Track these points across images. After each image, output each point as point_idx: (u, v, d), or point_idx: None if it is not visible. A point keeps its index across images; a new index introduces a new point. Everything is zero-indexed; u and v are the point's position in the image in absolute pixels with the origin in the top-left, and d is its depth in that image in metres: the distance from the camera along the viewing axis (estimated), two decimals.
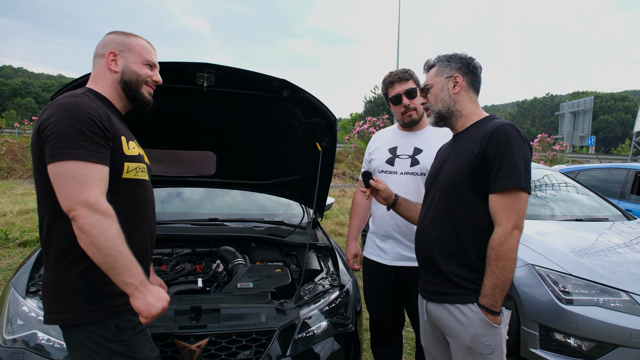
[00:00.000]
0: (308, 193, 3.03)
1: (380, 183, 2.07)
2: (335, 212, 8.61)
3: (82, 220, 1.31)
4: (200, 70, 2.20)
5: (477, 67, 1.83)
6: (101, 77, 1.60)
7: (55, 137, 1.35)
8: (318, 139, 2.69)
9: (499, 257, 1.57)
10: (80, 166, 1.34)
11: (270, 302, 2.12)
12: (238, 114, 2.64)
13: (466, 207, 1.68)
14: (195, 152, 2.87)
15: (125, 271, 1.36)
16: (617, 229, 3.94)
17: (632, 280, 2.93)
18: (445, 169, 1.79)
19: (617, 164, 6.87)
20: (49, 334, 1.83)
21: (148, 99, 1.67)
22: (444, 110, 1.83)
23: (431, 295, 1.80)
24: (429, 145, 2.33)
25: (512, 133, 1.61)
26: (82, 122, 1.38)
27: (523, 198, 1.59)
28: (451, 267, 1.70)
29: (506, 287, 1.60)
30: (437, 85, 1.84)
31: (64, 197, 1.33)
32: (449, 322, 1.71)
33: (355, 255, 2.58)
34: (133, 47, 1.63)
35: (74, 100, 1.42)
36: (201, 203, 3.59)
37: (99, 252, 1.33)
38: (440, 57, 1.87)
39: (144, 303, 1.39)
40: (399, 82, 2.38)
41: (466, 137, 1.77)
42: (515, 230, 1.57)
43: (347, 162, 15.95)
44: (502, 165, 1.58)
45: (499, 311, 1.62)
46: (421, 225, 1.87)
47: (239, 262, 2.57)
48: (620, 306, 2.77)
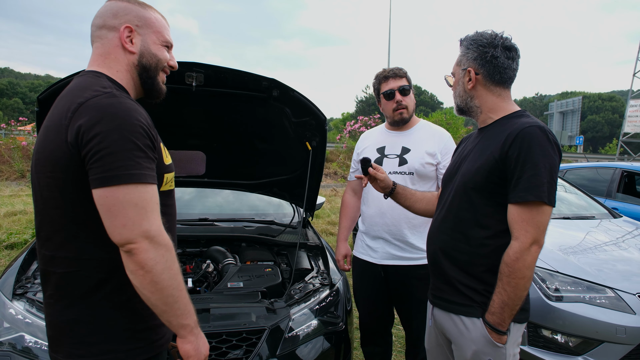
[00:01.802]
0: (298, 192, 3.04)
1: (379, 171, 1.97)
2: (327, 212, 8.62)
3: (144, 254, 1.09)
4: (189, 69, 2.19)
5: (497, 57, 1.55)
6: (113, 57, 1.27)
7: (108, 154, 1.08)
8: (308, 138, 2.69)
9: (512, 274, 1.42)
10: (142, 191, 1.11)
11: (261, 302, 2.12)
12: (228, 114, 2.64)
13: (478, 212, 1.55)
14: (185, 152, 2.86)
15: (185, 312, 1.18)
16: (603, 227, 4.00)
17: (617, 277, 2.98)
18: (462, 168, 1.64)
19: (604, 163, 6.97)
20: (37, 337, 1.81)
21: (164, 89, 1.40)
22: (462, 104, 1.67)
23: (438, 301, 1.70)
24: (417, 145, 2.34)
25: (538, 136, 1.43)
26: (136, 133, 1.12)
27: (545, 212, 1.42)
28: (457, 274, 1.59)
29: (516, 307, 1.46)
30: (457, 76, 1.67)
31: (122, 229, 1.09)
32: (453, 332, 1.62)
33: (345, 256, 2.59)
34: (152, 23, 1.31)
35: (117, 103, 1.14)
36: (191, 203, 3.57)
37: (159, 292, 1.12)
38: (465, 40, 1.63)
39: (195, 347, 1.23)
40: (394, 77, 2.38)
41: (488, 136, 1.59)
42: (534, 246, 1.42)
43: (339, 162, 15.97)
44: (523, 174, 1.42)
45: (505, 331, 1.48)
46: (432, 226, 1.76)
47: (229, 261, 2.56)
48: (606, 302, 2.81)
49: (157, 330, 1.28)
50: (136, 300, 1.17)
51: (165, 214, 1.23)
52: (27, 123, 14.76)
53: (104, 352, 1.20)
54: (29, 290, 2.04)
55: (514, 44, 1.58)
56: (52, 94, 2.04)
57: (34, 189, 1.24)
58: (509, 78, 1.60)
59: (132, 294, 1.17)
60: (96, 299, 1.20)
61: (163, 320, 1.19)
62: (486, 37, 1.57)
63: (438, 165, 2.32)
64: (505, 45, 1.56)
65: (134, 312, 1.23)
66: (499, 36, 1.57)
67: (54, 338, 1.25)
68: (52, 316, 1.24)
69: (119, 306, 1.21)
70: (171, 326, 1.19)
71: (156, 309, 1.15)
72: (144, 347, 1.25)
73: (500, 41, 1.56)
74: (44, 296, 1.27)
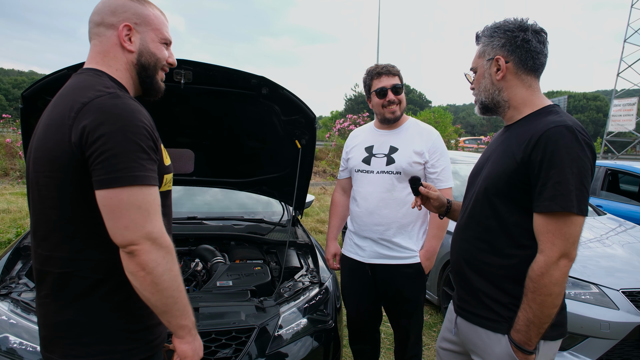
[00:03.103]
0: (288, 191, 3.03)
1: (431, 189, 1.78)
2: (316, 210, 8.63)
3: (146, 256, 1.10)
4: (177, 67, 2.16)
5: (528, 40, 1.40)
6: (112, 56, 1.26)
7: (112, 156, 1.08)
8: (297, 136, 2.69)
9: (537, 291, 1.30)
10: (145, 192, 1.12)
11: (250, 300, 2.12)
12: (216, 112, 2.62)
13: (502, 220, 1.42)
14: (173, 150, 2.83)
15: (183, 313, 1.19)
16: (588, 224, 4.07)
17: (601, 273, 3.04)
18: (485, 170, 1.52)
19: None
20: (22, 337, 1.78)
21: (162, 87, 1.39)
22: (487, 101, 1.51)
23: (462, 311, 1.58)
24: (405, 144, 2.34)
25: (565, 138, 1.28)
26: (140, 135, 1.12)
27: (575, 222, 1.28)
28: (482, 286, 1.47)
29: (544, 325, 1.33)
30: (480, 69, 1.51)
31: (125, 230, 1.09)
32: (478, 346, 1.51)
33: (335, 254, 2.59)
34: (151, 20, 1.30)
35: (122, 104, 1.14)
36: (180, 201, 3.54)
37: (159, 293, 1.13)
38: (485, 31, 1.50)
39: (192, 348, 1.24)
40: (387, 75, 2.33)
41: (513, 134, 1.45)
42: (563, 260, 1.28)
43: (328, 160, 15.98)
44: (548, 181, 1.29)
45: (532, 350, 1.36)
46: (455, 233, 1.63)
47: (218, 260, 2.55)
48: (591, 298, 2.87)
49: (153, 330, 1.28)
50: (132, 301, 1.18)
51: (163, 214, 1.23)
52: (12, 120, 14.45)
53: (100, 353, 1.19)
54: (13, 291, 2.01)
55: (542, 28, 1.44)
56: (38, 91, 2.00)
57: (31, 187, 1.23)
58: (541, 64, 1.45)
59: (128, 295, 1.17)
60: (93, 299, 1.19)
61: (162, 321, 1.20)
62: (512, 22, 1.44)
63: (426, 164, 2.32)
64: (535, 29, 1.42)
65: (130, 312, 1.22)
66: (525, 20, 1.44)
67: (48, 338, 1.23)
68: (46, 316, 1.23)
69: (115, 307, 1.21)
70: (170, 326, 1.20)
71: (156, 309, 1.16)
72: (140, 347, 1.24)
73: (528, 24, 1.42)
74: (38, 296, 1.25)
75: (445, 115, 18.52)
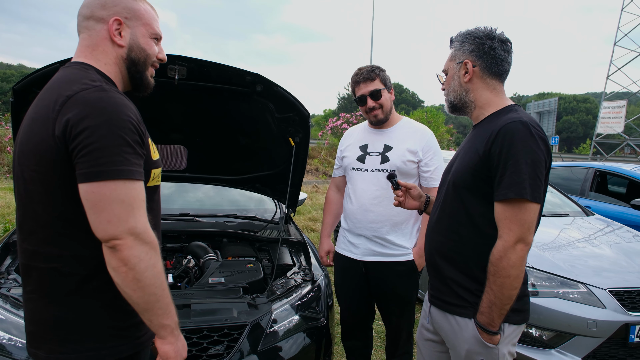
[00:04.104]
0: (281, 188, 3.03)
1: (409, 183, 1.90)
2: (308, 208, 8.63)
3: (128, 251, 1.08)
4: (171, 62, 2.15)
5: (494, 48, 1.55)
6: (102, 50, 1.25)
7: (96, 149, 1.07)
8: (291, 134, 2.68)
9: (497, 273, 1.42)
10: (129, 187, 1.10)
11: (242, 297, 2.12)
12: (210, 108, 2.61)
13: (469, 211, 1.54)
14: (166, 146, 2.81)
15: (166, 312, 1.17)
16: (577, 225, 4.13)
17: (589, 272, 3.08)
18: (454, 166, 1.64)
19: (578, 163, 7.19)
20: (10, 333, 1.76)
21: (152, 83, 1.39)
22: (455, 100, 1.64)
23: (435, 300, 1.69)
24: (399, 142, 2.35)
25: (520, 132, 1.40)
26: (125, 128, 1.11)
27: (529, 209, 1.39)
28: (451, 274, 1.59)
29: (505, 306, 1.44)
30: (450, 71, 1.64)
31: (107, 224, 1.08)
32: (449, 332, 1.63)
33: (328, 252, 2.60)
34: (141, 14, 1.28)
35: (107, 97, 1.12)
36: (172, 198, 3.52)
37: (141, 290, 1.11)
38: (458, 36, 1.63)
39: (175, 349, 1.21)
40: (364, 82, 2.33)
41: (478, 132, 1.58)
42: (519, 245, 1.40)
43: (320, 158, 15.99)
44: (505, 171, 1.40)
45: (496, 331, 1.48)
46: (428, 227, 1.75)
47: (211, 257, 2.55)
48: (578, 297, 2.91)
49: (140, 327, 1.26)
50: (120, 298, 1.15)
51: (150, 209, 1.22)
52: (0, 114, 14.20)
53: (87, 350, 1.18)
54: (2, 286, 1.99)
55: (508, 38, 1.59)
56: (29, 84, 1.98)
57: (17, 181, 1.21)
58: (505, 71, 1.59)
59: (116, 292, 1.14)
60: (80, 296, 1.18)
61: (144, 319, 1.18)
62: (482, 30, 1.58)
63: (420, 163, 2.35)
64: (501, 39, 1.57)
65: (117, 309, 1.21)
66: (494, 29, 1.58)
67: (34, 334, 1.22)
68: (33, 312, 1.22)
69: (103, 304, 1.20)
70: (151, 325, 1.18)
71: (137, 307, 1.14)
72: (127, 344, 1.23)
73: (496, 34, 1.57)
74: (25, 291, 1.24)
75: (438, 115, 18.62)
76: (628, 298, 2.90)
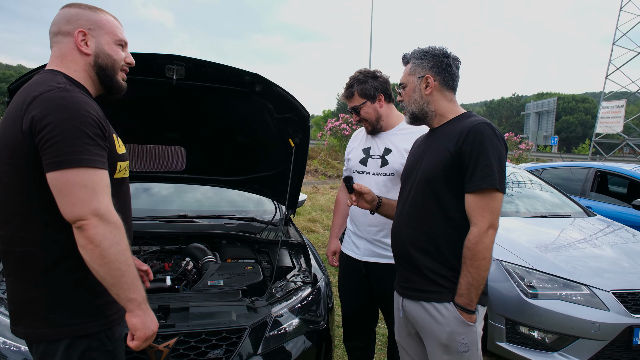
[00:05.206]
0: (280, 189, 3.00)
1: (363, 187, 2.02)
2: (308, 209, 8.60)
3: (93, 230, 1.21)
4: (169, 62, 2.13)
5: (450, 65, 1.77)
6: (70, 59, 1.40)
7: (59, 141, 1.21)
8: (291, 134, 2.66)
9: (474, 257, 1.58)
10: (91, 174, 1.24)
11: (241, 300, 2.09)
12: (209, 108, 2.58)
13: (442, 204, 1.68)
14: (164, 147, 2.79)
15: (132, 286, 1.29)
16: (578, 225, 4.10)
17: (591, 274, 3.06)
18: (422, 165, 1.78)
19: (578, 163, 7.16)
20: (5, 336, 1.73)
21: (123, 86, 1.52)
22: (417, 111, 1.80)
23: (407, 292, 1.79)
24: (399, 146, 2.35)
25: (487, 132, 1.60)
26: (86, 123, 1.25)
27: (498, 198, 1.59)
28: (426, 263, 1.70)
29: (481, 286, 1.62)
30: (410, 85, 1.80)
31: (72, 207, 1.21)
32: (425, 320, 1.72)
33: (335, 252, 2.62)
34: (103, 24, 1.44)
35: (69, 96, 1.26)
36: (170, 199, 3.49)
37: (107, 265, 1.23)
38: (415, 53, 1.82)
39: (142, 322, 1.32)
40: (346, 99, 2.41)
41: (442, 134, 1.75)
42: (491, 230, 1.58)
43: (320, 159, 15.96)
44: (477, 166, 1.58)
45: (474, 310, 1.64)
46: (397, 222, 1.85)
47: (209, 259, 2.52)
48: (581, 299, 2.88)
49: (111, 306, 1.38)
50: (91, 279, 1.28)
51: (119, 200, 1.37)
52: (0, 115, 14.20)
53: (60, 325, 1.32)
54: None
55: (458, 57, 1.82)
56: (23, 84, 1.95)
57: None
58: (457, 85, 1.82)
59: (87, 272, 1.27)
60: (54, 276, 1.32)
61: (112, 294, 1.28)
62: (438, 49, 1.78)
63: None
64: (454, 57, 1.79)
65: (89, 289, 1.34)
66: (447, 49, 1.79)
67: (14, 312, 1.36)
68: (13, 293, 1.36)
69: (75, 284, 1.33)
70: (119, 299, 1.29)
71: (105, 282, 1.26)
72: (97, 321, 1.36)
73: (449, 52, 1.78)
74: (5, 274, 1.37)
75: None
76: (632, 300, 2.88)
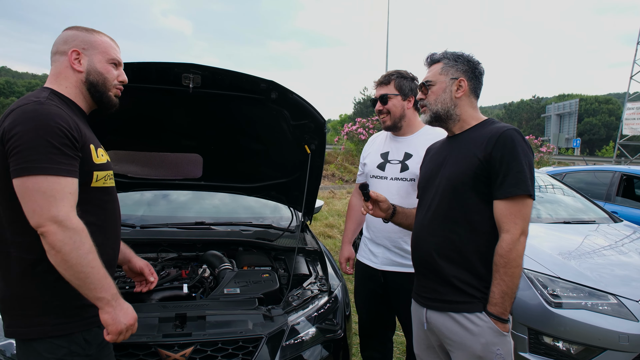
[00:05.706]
0: (297, 196, 2.99)
1: (380, 195, 1.97)
2: (325, 214, 8.58)
3: (52, 237, 1.28)
4: (185, 71, 2.15)
5: (481, 73, 1.79)
6: (63, 76, 1.51)
7: (23, 150, 1.29)
8: (307, 141, 2.65)
9: (507, 265, 1.54)
10: (51, 181, 1.30)
11: (258, 309, 2.07)
12: (225, 116, 2.59)
13: (469, 211, 1.65)
14: (181, 155, 2.81)
15: (98, 286, 1.35)
16: (603, 232, 3.97)
17: (618, 282, 2.94)
18: (445, 172, 1.74)
19: (602, 166, 6.95)
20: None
21: (115, 102, 1.62)
22: (442, 112, 1.77)
23: (433, 302, 1.74)
24: (419, 151, 2.30)
25: (517, 138, 1.59)
26: (52, 133, 1.32)
27: (529, 204, 1.58)
28: (454, 272, 1.66)
29: (514, 294, 1.58)
30: (440, 84, 1.77)
31: (32, 213, 1.29)
32: (456, 332, 1.66)
33: (348, 259, 2.58)
34: (97, 44, 1.55)
35: (41, 108, 1.35)
36: (187, 206, 3.52)
37: (70, 269, 1.31)
38: (447, 54, 1.80)
39: (112, 317, 1.38)
40: (379, 85, 2.37)
41: (466, 141, 1.73)
42: (522, 237, 1.56)
43: (337, 164, 15.95)
44: (509, 172, 1.56)
45: (507, 319, 1.60)
46: (419, 231, 1.81)
47: (226, 267, 2.52)
48: (608, 309, 2.77)
49: (86, 309, 1.44)
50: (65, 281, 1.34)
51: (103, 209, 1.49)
52: None
53: (34, 324, 1.38)
54: None
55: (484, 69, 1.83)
56: None
57: None
58: (480, 95, 1.83)
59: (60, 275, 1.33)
60: (29, 278, 1.39)
61: (82, 293, 1.35)
62: (471, 57, 1.79)
63: None
64: (482, 69, 1.80)
65: (63, 291, 1.39)
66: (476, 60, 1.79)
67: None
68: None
69: (50, 285, 1.39)
70: (89, 299, 1.36)
71: (72, 283, 1.33)
72: (72, 322, 1.42)
73: (479, 64, 1.79)
74: None
75: None
76: None
